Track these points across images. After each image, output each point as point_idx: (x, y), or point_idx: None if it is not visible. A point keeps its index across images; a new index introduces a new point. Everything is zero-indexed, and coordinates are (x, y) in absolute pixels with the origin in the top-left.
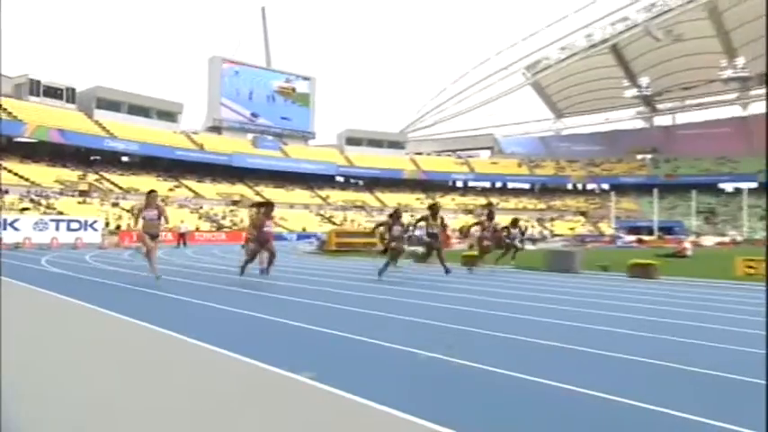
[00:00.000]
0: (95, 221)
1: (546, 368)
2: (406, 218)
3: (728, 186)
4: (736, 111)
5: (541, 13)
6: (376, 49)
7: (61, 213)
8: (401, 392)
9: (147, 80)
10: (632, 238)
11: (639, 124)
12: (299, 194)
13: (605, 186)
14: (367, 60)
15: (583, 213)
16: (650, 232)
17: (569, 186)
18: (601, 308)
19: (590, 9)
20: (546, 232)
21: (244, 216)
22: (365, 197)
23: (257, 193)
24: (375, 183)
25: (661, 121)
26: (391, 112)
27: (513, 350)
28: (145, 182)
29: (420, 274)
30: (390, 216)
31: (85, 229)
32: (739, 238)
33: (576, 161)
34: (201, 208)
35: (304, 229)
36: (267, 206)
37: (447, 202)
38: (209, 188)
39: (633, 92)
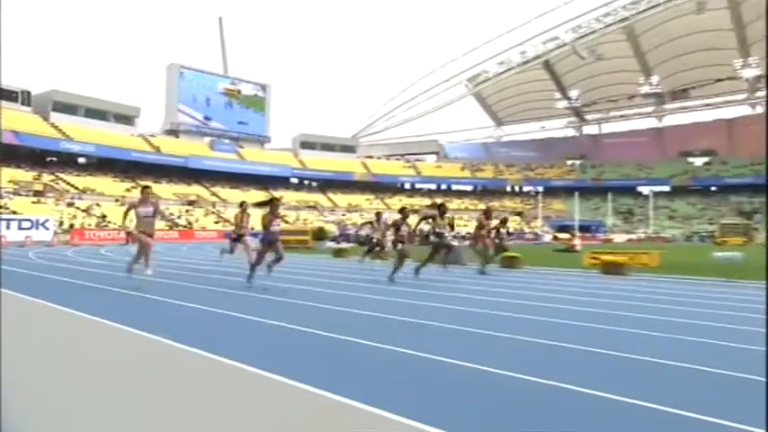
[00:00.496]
0: (47, 220)
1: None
2: (386, 217)
3: (645, 189)
4: (652, 123)
5: (480, 31)
6: (331, 59)
7: (15, 213)
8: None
9: (105, 84)
10: (549, 236)
11: (571, 133)
12: (255, 195)
13: (540, 189)
14: (322, 69)
15: (519, 213)
16: (578, 230)
17: (508, 189)
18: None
19: (524, 28)
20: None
21: (200, 215)
22: (318, 198)
23: (213, 194)
24: (328, 184)
25: (589, 130)
26: (344, 119)
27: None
28: (101, 183)
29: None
30: (400, 213)
31: (36, 228)
32: (642, 236)
33: (513, 166)
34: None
35: (252, 228)
36: (272, 204)
37: (395, 202)
38: (165, 189)
39: (564, 103)
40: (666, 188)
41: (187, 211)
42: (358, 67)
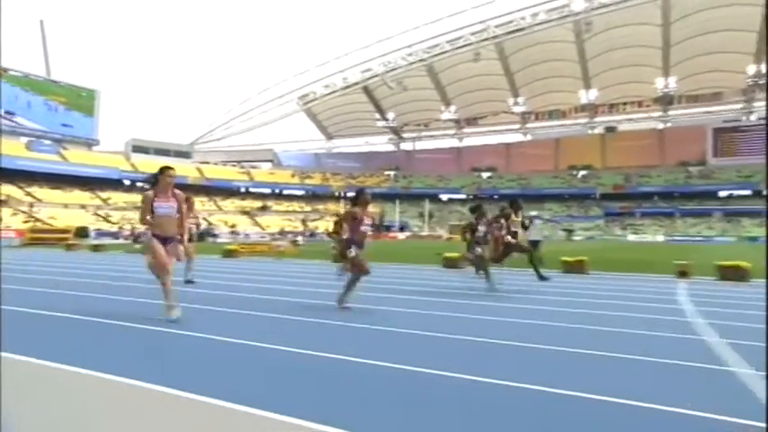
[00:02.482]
0: None
1: None
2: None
3: (444, 197)
4: (454, 143)
5: (311, 55)
6: (171, 67)
7: None
8: None
9: None
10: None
11: (390, 148)
12: (78, 196)
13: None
14: (163, 76)
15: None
16: (388, 229)
17: (336, 194)
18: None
19: (346, 57)
20: (306, 230)
21: (5, 215)
22: None
23: (28, 194)
24: None
25: (405, 146)
26: (184, 126)
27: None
28: None
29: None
30: (473, 212)
31: None
32: (426, 232)
33: (339, 174)
34: None
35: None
36: (362, 198)
37: (227, 204)
38: None
39: (383, 123)
40: (462, 196)
41: None
42: (199, 77)
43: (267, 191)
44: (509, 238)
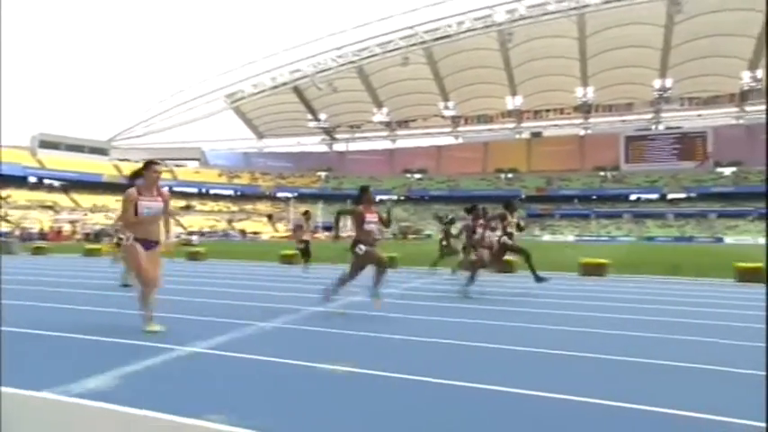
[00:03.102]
0: None
1: None
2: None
3: (377, 198)
4: (387, 144)
5: (237, 54)
6: (90, 60)
7: None
8: None
9: None
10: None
11: (323, 148)
12: None
13: (290, 195)
14: (81, 71)
15: (269, 216)
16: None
17: (267, 194)
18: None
19: (275, 57)
20: (233, 231)
21: None
22: (58, 198)
23: None
24: (73, 185)
25: (339, 147)
26: (102, 122)
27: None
28: None
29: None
30: (468, 213)
31: None
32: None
33: (268, 174)
34: None
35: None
36: (365, 195)
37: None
38: None
39: (315, 123)
40: (394, 197)
41: None
42: (120, 74)
43: (194, 190)
44: (505, 239)
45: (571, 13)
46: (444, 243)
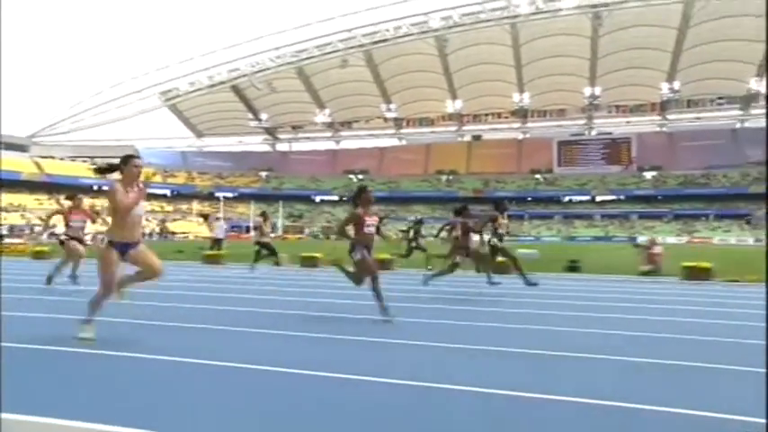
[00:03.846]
0: None
1: None
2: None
3: (317, 198)
4: (331, 145)
5: (172, 51)
6: (12, 52)
7: None
8: None
9: None
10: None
11: (266, 148)
12: None
13: (229, 194)
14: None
15: (204, 216)
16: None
17: (203, 193)
18: None
19: (212, 55)
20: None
21: None
22: None
23: None
24: None
25: (282, 147)
26: (22, 117)
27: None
28: None
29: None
30: (458, 214)
31: None
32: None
33: (206, 173)
34: None
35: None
36: (363, 197)
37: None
38: None
39: (256, 123)
40: (335, 197)
41: None
42: (43, 68)
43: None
44: (495, 241)
45: (503, 23)
46: (413, 243)
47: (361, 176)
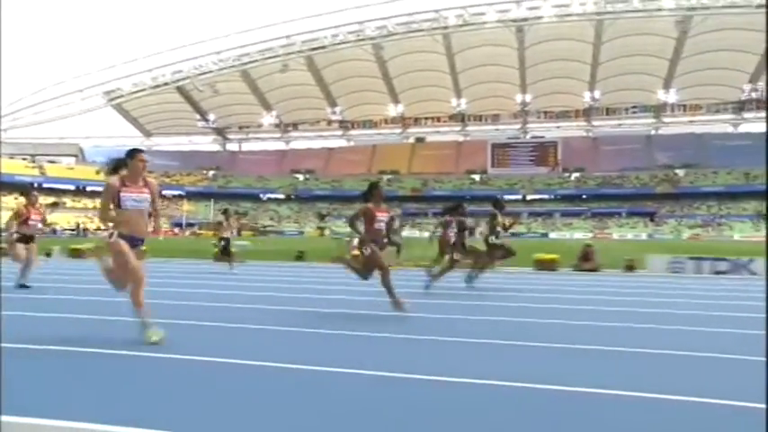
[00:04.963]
0: None
1: None
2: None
3: (264, 196)
4: (281, 145)
5: (117, 51)
6: None
7: None
8: None
9: None
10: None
11: (216, 148)
12: None
13: (175, 193)
14: None
15: (149, 215)
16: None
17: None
18: None
19: (156, 57)
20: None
21: None
22: None
23: None
24: None
25: (232, 146)
26: None
27: None
28: None
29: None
30: (452, 212)
31: None
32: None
33: (152, 172)
34: None
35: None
36: (374, 192)
37: (10, 200)
38: None
39: (204, 124)
40: (281, 195)
41: None
42: None
43: (71, 187)
44: (493, 238)
45: (435, 33)
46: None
47: (307, 176)
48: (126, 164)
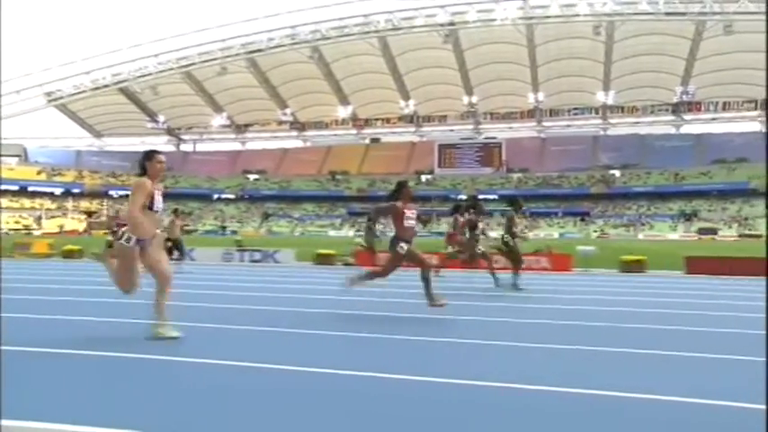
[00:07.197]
0: None
1: None
2: None
3: (215, 196)
4: (237, 146)
5: (57, 52)
6: None
7: None
8: None
9: None
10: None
11: (171, 148)
12: None
13: (121, 193)
14: None
15: (90, 213)
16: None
17: (88, 192)
18: None
19: (95, 59)
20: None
21: None
22: None
23: None
24: None
25: (186, 147)
26: None
27: None
28: None
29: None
30: (468, 211)
31: None
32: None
33: (98, 172)
34: None
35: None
36: (403, 191)
37: None
38: None
39: (152, 125)
40: (232, 196)
41: None
42: None
43: (14, 187)
44: (508, 238)
45: (369, 37)
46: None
47: (257, 176)
48: (144, 166)
